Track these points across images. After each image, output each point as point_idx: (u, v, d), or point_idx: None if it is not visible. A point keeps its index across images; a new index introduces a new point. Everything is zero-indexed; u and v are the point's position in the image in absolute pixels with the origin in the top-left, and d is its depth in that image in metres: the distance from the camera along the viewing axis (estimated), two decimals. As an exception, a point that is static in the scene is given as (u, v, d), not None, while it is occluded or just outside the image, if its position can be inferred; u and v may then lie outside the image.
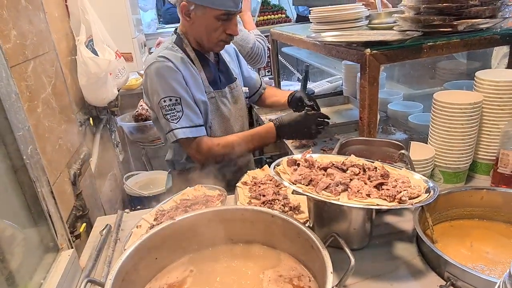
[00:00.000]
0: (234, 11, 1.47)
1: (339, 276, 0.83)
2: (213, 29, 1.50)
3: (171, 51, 1.54)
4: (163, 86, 1.48)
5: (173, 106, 1.49)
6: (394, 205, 0.90)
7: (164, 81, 1.48)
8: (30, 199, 1.00)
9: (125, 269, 0.91)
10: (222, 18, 1.47)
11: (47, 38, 1.54)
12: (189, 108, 1.51)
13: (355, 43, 1.30)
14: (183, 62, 1.53)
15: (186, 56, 1.57)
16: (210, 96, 1.61)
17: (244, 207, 1.19)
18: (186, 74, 1.52)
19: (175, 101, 1.48)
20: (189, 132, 1.51)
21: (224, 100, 1.67)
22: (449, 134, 1.27)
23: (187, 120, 1.50)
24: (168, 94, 1.48)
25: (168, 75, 1.48)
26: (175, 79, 1.48)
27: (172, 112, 1.49)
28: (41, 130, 1.36)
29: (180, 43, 1.59)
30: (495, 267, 0.99)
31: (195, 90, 1.55)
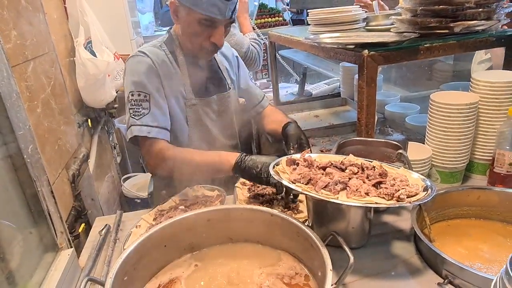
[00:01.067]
0: (218, 18, 1.36)
1: (338, 275, 0.84)
2: (195, 33, 1.40)
3: (154, 48, 1.48)
4: (135, 80, 1.41)
5: (140, 102, 1.40)
6: (393, 203, 0.91)
7: (137, 75, 1.41)
8: (30, 198, 1.00)
9: (125, 268, 0.91)
10: (205, 23, 1.37)
11: (46, 39, 1.54)
12: (157, 107, 1.42)
13: (353, 44, 1.31)
14: (164, 62, 1.47)
15: (173, 58, 1.50)
16: (191, 103, 1.51)
17: (243, 206, 1.19)
18: (164, 74, 1.45)
19: (143, 97, 1.40)
20: (147, 131, 1.39)
21: (207, 109, 1.56)
22: (446, 134, 1.29)
23: (151, 119, 1.40)
24: (138, 88, 1.40)
25: (143, 70, 1.41)
26: (148, 76, 1.41)
27: (137, 107, 1.40)
28: (40, 131, 1.36)
29: (170, 43, 1.53)
30: (492, 266, 1.00)
31: (170, 93, 1.47)
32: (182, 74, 1.50)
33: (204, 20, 1.36)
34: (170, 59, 1.49)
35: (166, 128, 1.44)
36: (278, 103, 2.47)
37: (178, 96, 1.49)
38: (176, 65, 1.50)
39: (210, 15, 1.34)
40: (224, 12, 1.34)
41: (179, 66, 1.51)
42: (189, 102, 1.51)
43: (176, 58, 1.51)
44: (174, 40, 1.53)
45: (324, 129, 2.00)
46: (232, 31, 2.25)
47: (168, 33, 1.56)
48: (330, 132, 1.99)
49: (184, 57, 1.52)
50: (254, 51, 2.34)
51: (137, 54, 1.45)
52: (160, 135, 1.41)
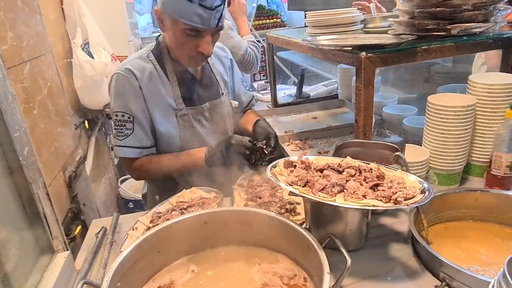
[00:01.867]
0: (203, 28, 1.32)
1: (335, 277, 0.84)
2: (181, 42, 1.38)
3: (141, 62, 1.45)
4: (119, 100, 1.42)
5: (124, 123, 1.43)
6: (390, 205, 0.91)
7: (122, 97, 1.42)
8: (26, 200, 1.00)
9: (122, 271, 0.90)
10: (191, 33, 1.33)
11: (43, 40, 1.54)
12: (141, 127, 1.45)
13: (351, 46, 1.31)
14: (151, 76, 1.44)
15: (162, 68, 1.47)
16: (182, 113, 1.50)
17: (241, 208, 1.19)
18: (151, 89, 1.44)
19: (127, 118, 1.42)
20: (130, 152, 1.45)
21: (199, 117, 1.55)
22: (443, 136, 1.29)
23: (134, 140, 1.44)
24: (122, 110, 1.42)
25: (127, 92, 1.41)
26: (133, 97, 1.42)
27: (120, 128, 1.43)
28: (37, 132, 1.35)
29: (158, 52, 1.49)
30: (489, 268, 1.00)
31: (157, 106, 1.46)
32: (171, 84, 1.48)
33: (189, 30, 1.32)
34: (158, 70, 1.47)
35: (148, 146, 1.49)
36: (276, 104, 2.47)
37: (167, 108, 1.48)
38: (164, 75, 1.48)
39: (194, 25, 1.30)
40: (209, 21, 1.30)
41: (168, 76, 1.48)
42: (180, 112, 1.50)
43: (164, 68, 1.48)
44: (163, 48, 1.49)
45: (322, 131, 2.00)
46: (230, 34, 2.26)
47: (157, 40, 1.52)
48: (328, 134, 1.99)
49: (174, 66, 1.49)
50: (252, 53, 2.34)
51: (122, 72, 1.41)
52: (141, 155, 1.47)
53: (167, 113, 1.48)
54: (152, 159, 1.49)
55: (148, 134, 1.47)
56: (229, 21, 2.29)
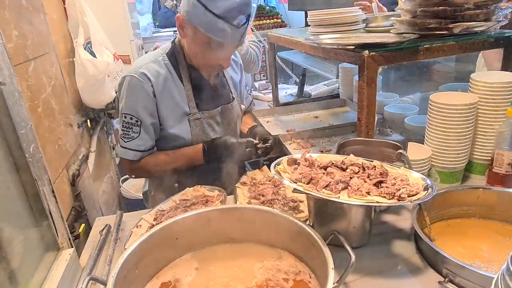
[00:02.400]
0: (228, 43, 1.33)
1: (339, 273, 0.84)
2: (201, 52, 1.39)
3: (156, 66, 1.45)
4: (130, 103, 1.42)
5: (131, 125, 1.44)
6: (394, 202, 0.91)
7: (133, 101, 1.42)
8: (32, 197, 1.00)
9: (127, 267, 0.91)
10: (213, 46, 1.34)
11: (47, 39, 1.54)
12: (147, 132, 1.46)
13: (353, 45, 1.32)
14: (165, 81, 1.45)
15: (177, 72, 1.48)
16: (195, 118, 1.51)
17: (245, 206, 1.20)
18: (165, 95, 1.45)
19: (135, 121, 1.43)
20: (133, 155, 1.47)
21: (211, 121, 1.57)
22: (445, 134, 1.29)
23: (139, 144, 1.46)
24: (132, 113, 1.43)
25: (140, 96, 1.41)
26: (144, 102, 1.42)
27: (127, 130, 1.44)
28: (41, 130, 1.36)
29: (173, 56, 1.49)
30: (492, 265, 1.00)
31: (170, 111, 1.48)
32: (185, 89, 1.49)
33: (212, 43, 1.33)
34: (172, 75, 1.48)
35: (149, 149, 1.50)
36: (278, 104, 2.48)
37: (180, 113, 1.50)
38: (179, 80, 1.48)
39: (219, 40, 1.31)
40: (234, 38, 1.32)
41: (182, 81, 1.49)
42: (193, 116, 1.51)
43: (179, 72, 1.49)
44: (178, 53, 1.49)
45: (324, 129, 2.00)
46: None
47: (173, 43, 1.52)
48: (330, 132, 1.99)
49: (189, 71, 1.50)
50: (253, 53, 2.34)
51: (137, 76, 1.41)
52: (141, 157, 1.49)
53: (180, 118, 1.50)
54: (149, 160, 1.51)
55: (152, 138, 1.50)
56: None
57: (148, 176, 1.67)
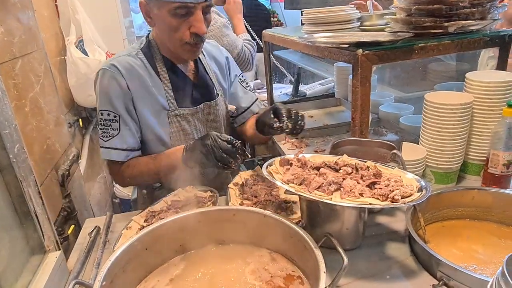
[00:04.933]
0: (193, 3, 1.24)
1: (332, 277, 0.82)
2: (172, 28, 1.29)
3: (130, 59, 1.38)
4: (105, 98, 1.34)
5: (109, 122, 1.34)
6: (387, 204, 0.89)
7: (107, 94, 1.34)
8: (16, 199, 0.97)
9: (114, 271, 0.89)
10: (180, 12, 1.25)
11: (35, 36, 1.51)
12: (127, 128, 1.37)
13: (347, 43, 1.30)
14: (139, 74, 1.37)
15: (152, 66, 1.40)
16: (174, 114, 1.43)
17: (236, 207, 1.17)
18: (139, 88, 1.36)
19: (113, 117, 1.34)
20: (116, 155, 1.37)
21: (192, 119, 1.47)
22: (440, 134, 1.28)
23: (121, 142, 1.36)
24: (108, 108, 1.34)
25: (112, 89, 1.33)
26: (118, 95, 1.34)
27: (106, 127, 1.35)
28: (28, 130, 1.33)
29: (148, 49, 1.42)
30: (487, 267, 0.99)
31: (146, 107, 1.39)
32: (163, 83, 1.41)
33: (178, 9, 1.24)
34: (148, 68, 1.40)
35: (135, 148, 1.41)
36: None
37: (158, 108, 1.41)
38: (155, 74, 1.41)
39: (182, 1, 1.23)
40: None
41: (159, 75, 1.41)
42: (172, 113, 1.43)
43: (155, 66, 1.41)
44: (153, 46, 1.42)
45: (318, 129, 1.99)
46: (225, 32, 2.24)
47: (147, 38, 1.46)
48: (325, 132, 1.97)
49: (165, 64, 1.42)
50: (247, 52, 2.32)
51: (108, 68, 1.34)
52: (127, 158, 1.39)
53: (158, 113, 1.42)
54: (129, 163, 1.41)
55: (135, 136, 1.40)
56: (224, 19, 2.28)
57: (131, 183, 1.53)
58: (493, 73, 1.36)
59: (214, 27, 2.21)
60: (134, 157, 1.42)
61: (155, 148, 1.45)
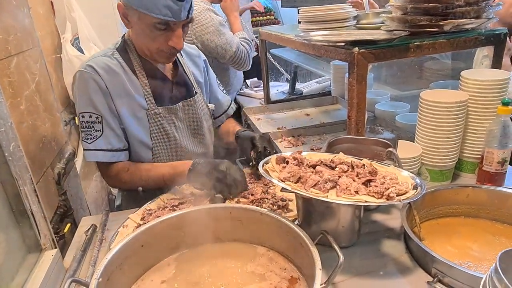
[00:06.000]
0: (174, 21, 1.25)
1: (328, 274, 0.83)
2: (150, 38, 1.30)
3: (106, 59, 1.36)
4: (85, 100, 1.33)
5: (92, 124, 1.33)
6: (382, 201, 0.90)
7: (87, 95, 1.32)
8: (12, 197, 0.97)
9: (111, 269, 0.89)
10: (160, 27, 1.26)
11: (31, 34, 1.50)
12: (110, 129, 1.35)
13: (344, 42, 1.31)
14: (116, 74, 1.35)
15: (129, 66, 1.39)
16: (154, 113, 1.41)
17: (232, 205, 1.18)
18: (117, 88, 1.35)
19: (95, 118, 1.33)
20: (102, 156, 1.35)
21: (172, 118, 1.46)
22: (435, 132, 1.29)
23: (105, 142, 1.34)
24: (89, 109, 1.32)
25: (91, 90, 1.32)
26: (98, 95, 1.32)
27: (88, 130, 1.33)
28: (24, 128, 1.32)
29: (124, 49, 1.41)
30: (481, 264, 1.00)
31: (125, 107, 1.37)
32: (141, 82, 1.40)
33: (159, 24, 1.25)
34: (125, 68, 1.38)
35: (121, 149, 1.39)
36: (269, 101, 2.46)
37: (137, 108, 1.39)
38: (132, 74, 1.39)
39: (164, 18, 1.23)
40: (179, 13, 1.24)
41: (136, 74, 1.40)
42: (151, 112, 1.41)
43: (132, 66, 1.39)
44: (129, 46, 1.41)
45: (315, 127, 1.99)
46: (221, 30, 2.24)
47: (122, 38, 1.45)
48: (321, 130, 1.98)
49: (142, 64, 1.41)
50: (244, 50, 2.32)
51: (85, 69, 1.33)
52: (114, 158, 1.38)
53: (137, 113, 1.40)
54: (130, 168, 1.40)
55: (119, 136, 1.38)
56: (220, 18, 2.27)
57: (125, 187, 1.51)
58: (488, 71, 1.37)
59: (210, 25, 2.21)
60: (132, 162, 1.42)
61: (138, 149, 1.44)
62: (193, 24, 2.24)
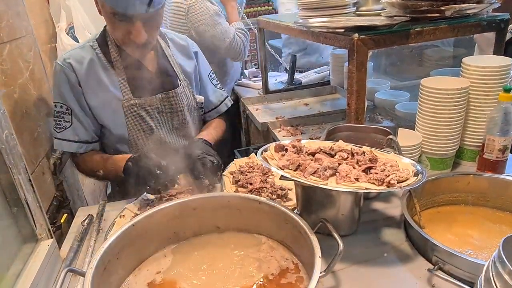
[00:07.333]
0: (128, 14, 1.20)
1: (327, 262, 0.82)
2: (112, 28, 1.29)
3: (81, 51, 1.38)
4: (58, 90, 1.37)
5: (62, 114, 1.37)
6: (383, 188, 0.89)
7: (59, 87, 1.36)
8: (6, 187, 0.95)
9: (107, 258, 0.88)
10: (118, 18, 1.22)
11: (24, 21, 1.47)
12: (79, 121, 1.38)
13: (343, 28, 1.28)
14: (91, 66, 1.36)
15: (105, 55, 1.39)
16: (129, 104, 1.40)
17: (231, 194, 1.17)
18: (91, 80, 1.36)
19: (65, 109, 1.37)
20: (68, 146, 1.39)
21: (150, 109, 1.44)
22: (436, 119, 1.27)
23: (72, 133, 1.38)
24: (61, 100, 1.37)
25: (63, 83, 1.35)
26: (69, 89, 1.35)
27: (59, 119, 1.37)
28: (18, 117, 1.30)
29: (103, 40, 1.40)
30: (482, 252, 0.99)
31: (100, 98, 1.38)
32: (116, 73, 1.39)
33: (116, 15, 1.21)
34: (100, 58, 1.39)
35: (88, 141, 1.43)
36: (267, 91, 2.44)
37: (111, 98, 1.39)
38: (108, 64, 1.39)
39: (117, 9, 1.19)
40: (135, 5, 1.18)
41: (113, 65, 1.39)
42: (127, 103, 1.40)
43: (109, 57, 1.39)
44: (109, 36, 1.39)
45: (314, 117, 1.97)
46: (217, 20, 2.20)
47: (103, 28, 1.44)
48: (320, 119, 1.96)
49: (120, 54, 1.39)
50: (239, 41, 2.29)
51: (61, 63, 1.35)
52: (81, 150, 1.41)
53: (112, 104, 1.40)
54: (85, 158, 1.44)
55: (87, 129, 1.41)
56: (216, 7, 2.24)
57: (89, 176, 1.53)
58: (490, 57, 1.35)
59: (206, 15, 2.18)
60: (89, 152, 1.44)
61: (115, 143, 1.46)
62: (189, 14, 2.21)
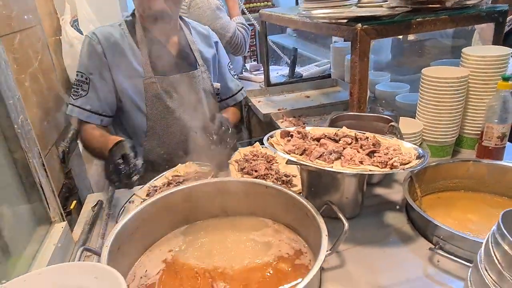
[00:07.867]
0: None
1: (332, 243, 0.85)
2: None
3: (110, 28, 1.50)
4: (82, 61, 1.48)
5: (81, 83, 1.46)
6: (387, 170, 0.92)
7: (83, 57, 1.48)
8: (22, 170, 0.98)
9: (121, 238, 0.91)
10: None
11: (33, 11, 1.50)
12: (95, 92, 1.46)
13: (346, 18, 1.31)
14: (116, 41, 1.47)
15: (132, 35, 1.50)
16: (150, 82, 1.49)
17: (238, 179, 1.20)
18: (117, 56, 1.47)
19: (85, 79, 1.46)
20: (78, 112, 1.46)
21: (168, 88, 1.52)
22: (437, 108, 1.30)
23: (86, 102, 1.46)
24: (82, 70, 1.47)
25: (87, 53, 1.46)
26: (92, 59, 1.45)
27: (77, 87, 1.46)
28: (29, 105, 1.33)
29: (131, 21, 1.53)
30: (481, 234, 1.02)
31: (122, 72, 1.48)
32: (142, 52, 1.50)
33: None
34: (127, 37, 1.50)
35: (98, 113, 1.49)
36: (269, 84, 2.46)
37: (134, 75, 1.49)
38: (133, 43, 1.50)
39: None
40: None
41: (137, 43, 1.50)
42: (147, 80, 1.50)
43: (135, 37, 1.50)
44: (136, 19, 1.52)
45: (315, 108, 2.01)
46: (219, 14, 2.23)
47: (132, 11, 1.56)
48: (321, 111, 2.00)
49: (145, 34, 1.50)
50: (240, 36, 2.31)
51: (89, 36, 1.47)
52: (89, 119, 1.47)
53: (134, 80, 1.49)
54: (88, 131, 1.48)
55: (101, 101, 1.48)
56: (218, 1, 2.26)
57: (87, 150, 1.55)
58: (489, 47, 1.39)
59: (207, 9, 2.20)
60: (93, 125, 1.48)
61: (134, 115, 1.54)
62: (191, 8, 2.24)
